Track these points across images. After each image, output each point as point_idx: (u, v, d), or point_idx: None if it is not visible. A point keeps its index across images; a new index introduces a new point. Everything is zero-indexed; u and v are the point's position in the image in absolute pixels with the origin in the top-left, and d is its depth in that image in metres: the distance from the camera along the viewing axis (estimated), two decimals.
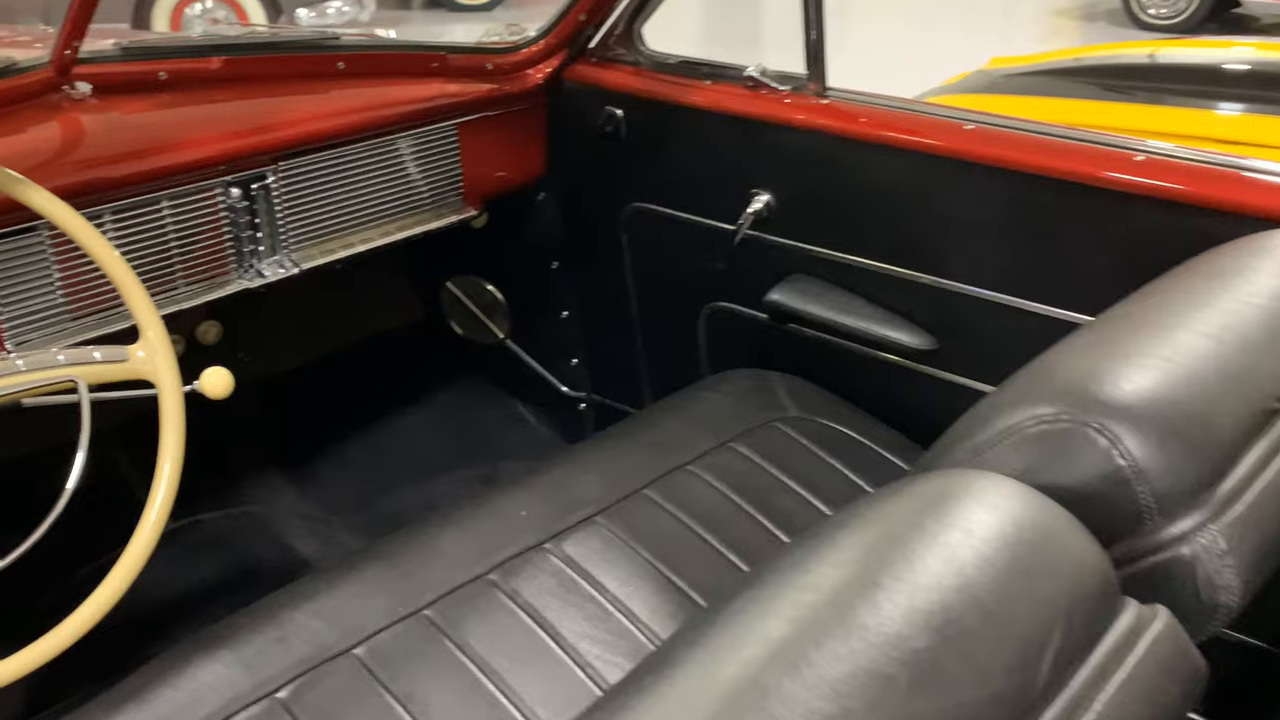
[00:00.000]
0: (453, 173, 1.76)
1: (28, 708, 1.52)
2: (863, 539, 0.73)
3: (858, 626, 0.64)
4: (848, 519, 0.76)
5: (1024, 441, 0.86)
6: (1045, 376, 0.95)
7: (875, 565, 0.69)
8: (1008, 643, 0.67)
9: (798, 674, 0.61)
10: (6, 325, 1.31)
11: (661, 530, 1.34)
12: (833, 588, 0.68)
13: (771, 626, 0.65)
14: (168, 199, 1.42)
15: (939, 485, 0.78)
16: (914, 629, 0.65)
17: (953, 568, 0.69)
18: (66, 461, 1.13)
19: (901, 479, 0.88)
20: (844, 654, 0.63)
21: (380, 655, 1.15)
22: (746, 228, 1.68)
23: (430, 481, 2.08)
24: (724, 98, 1.69)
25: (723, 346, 1.85)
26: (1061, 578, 0.73)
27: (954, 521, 0.73)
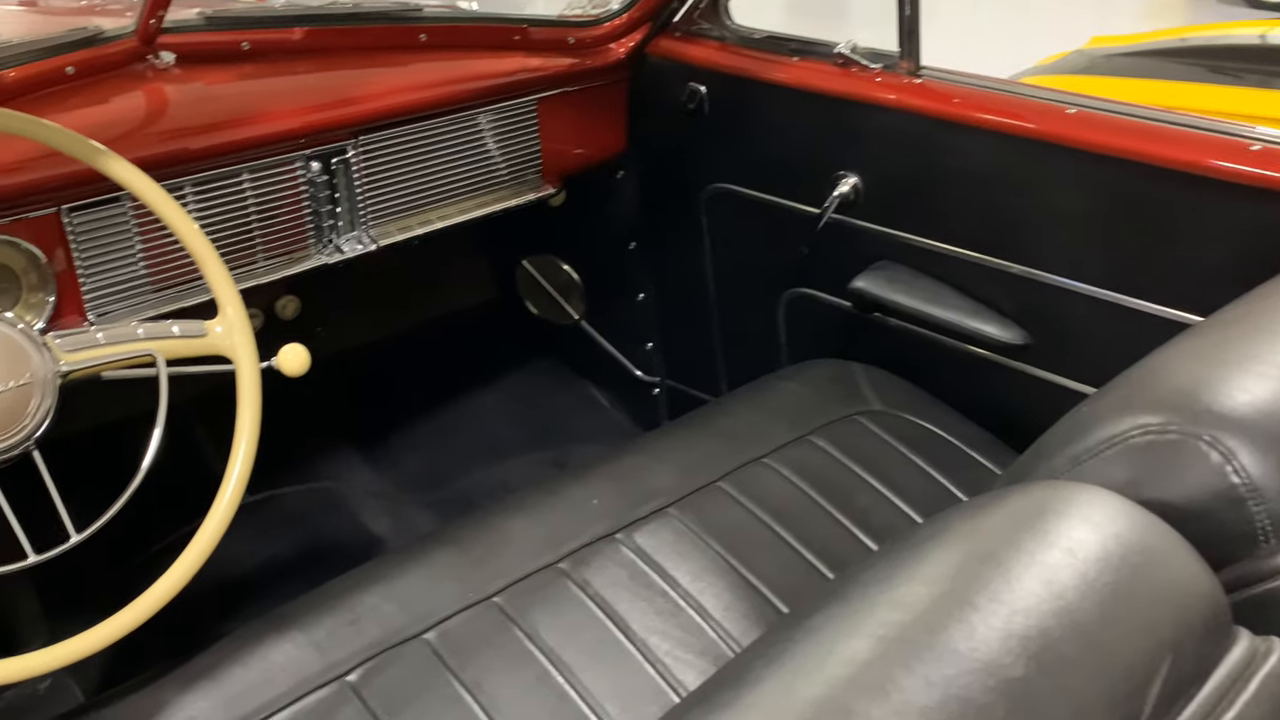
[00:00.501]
0: (531, 149, 1.73)
1: (103, 680, 1.55)
2: (955, 555, 0.69)
3: (949, 650, 0.60)
4: (938, 532, 0.72)
5: (1127, 452, 0.81)
6: (1151, 382, 0.89)
7: (969, 584, 0.65)
8: (1110, 674, 0.63)
9: (884, 698, 0.58)
10: (89, 295, 1.31)
11: (735, 524, 1.30)
12: (923, 607, 0.64)
13: (856, 646, 0.62)
14: (248, 172, 1.41)
15: (1037, 499, 0.74)
16: (1010, 655, 0.61)
17: (1052, 590, 0.65)
18: (142, 433, 1.14)
19: (996, 489, 0.83)
20: (934, 679, 0.59)
21: (450, 642, 1.14)
22: (832, 211, 1.63)
23: (501, 463, 2.07)
24: (812, 75, 1.63)
25: (803, 335, 1.80)
26: (1169, 604, 0.68)
27: (1054, 540, 0.68)
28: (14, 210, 1.25)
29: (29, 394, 1.03)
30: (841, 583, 0.71)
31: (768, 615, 1.20)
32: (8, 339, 1.03)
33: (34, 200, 1.26)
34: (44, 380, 1.04)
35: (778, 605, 1.22)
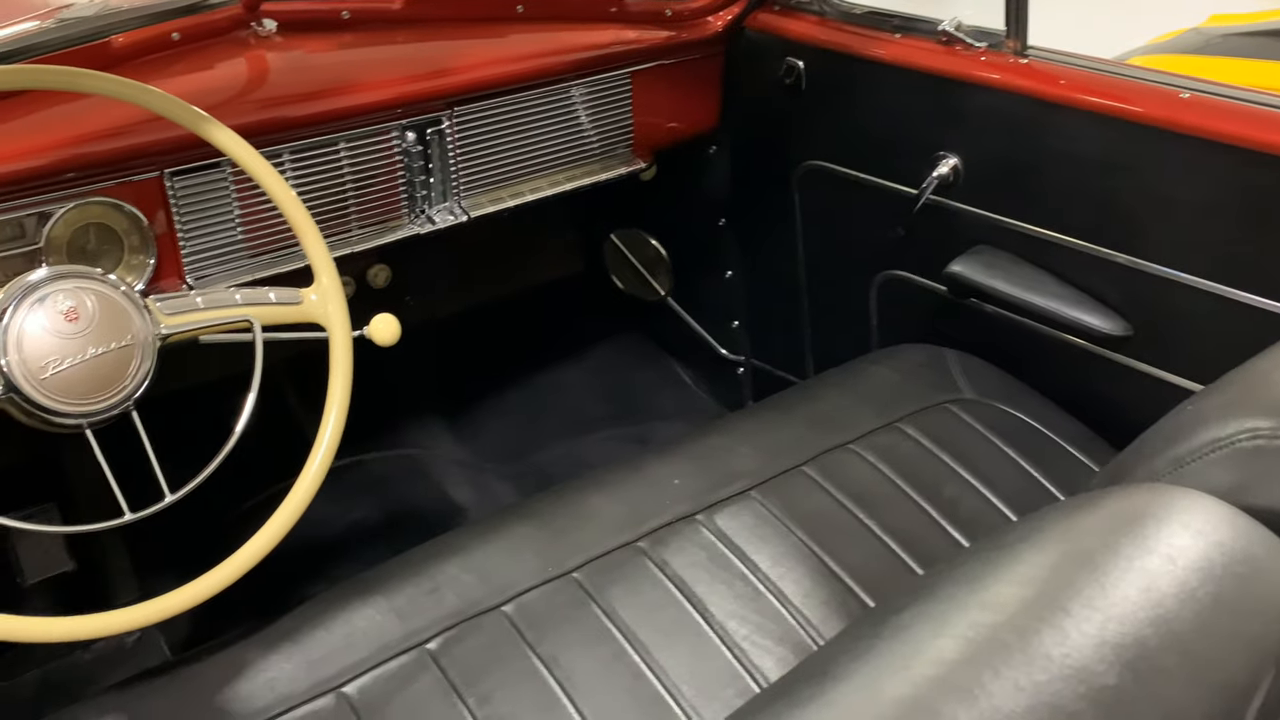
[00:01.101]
0: (624, 123, 1.72)
1: (189, 636, 1.59)
2: (1049, 557, 0.66)
3: (1041, 655, 0.58)
4: (1032, 531, 0.70)
5: (1234, 457, 0.77)
6: (1262, 383, 0.84)
7: (1063, 588, 0.63)
8: (1208, 687, 0.60)
9: (971, 702, 0.56)
10: (187, 259, 1.34)
11: (818, 510, 1.29)
12: (1014, 609, 0.62)
13: (944, 646, 0.60)
14: (345, 141, 1.43)
15: (1137, 502, 0.71)
16: (1104, 664, 0.58)
17: (1150, 598, 0.62)
18: (233, 395, 1.16)
19: (1092, 488, 0.80)
20: (1024, 685, 0.57)
21: (527, 615, 1.14)
22: (930, 193, 1.59)
23: (582, 437, 2.08)
24: (914, 53, 1.59)
25: (894, 318, 1.76)
26: (1273, 617, 0.65)
27: (1153, 546, 0.65)
28: (118, 173, 1.28)
29: (130, 355, 1.05)
30: (931, 580, 0.69)
31: (848, 604, 1.19)
32: (111, 301, 1.05)
33: (138, 164, 1.29)
34: (144, 342, 1.07)
35: (859, 594, 1.20)
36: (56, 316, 1.02)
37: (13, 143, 1.22)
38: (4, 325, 1.01)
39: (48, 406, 1.01)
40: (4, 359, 1.00)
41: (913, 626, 0.62)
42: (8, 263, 1.23)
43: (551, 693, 1.07)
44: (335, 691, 1.06)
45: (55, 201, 1.24)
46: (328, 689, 1.06)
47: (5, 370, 1.00)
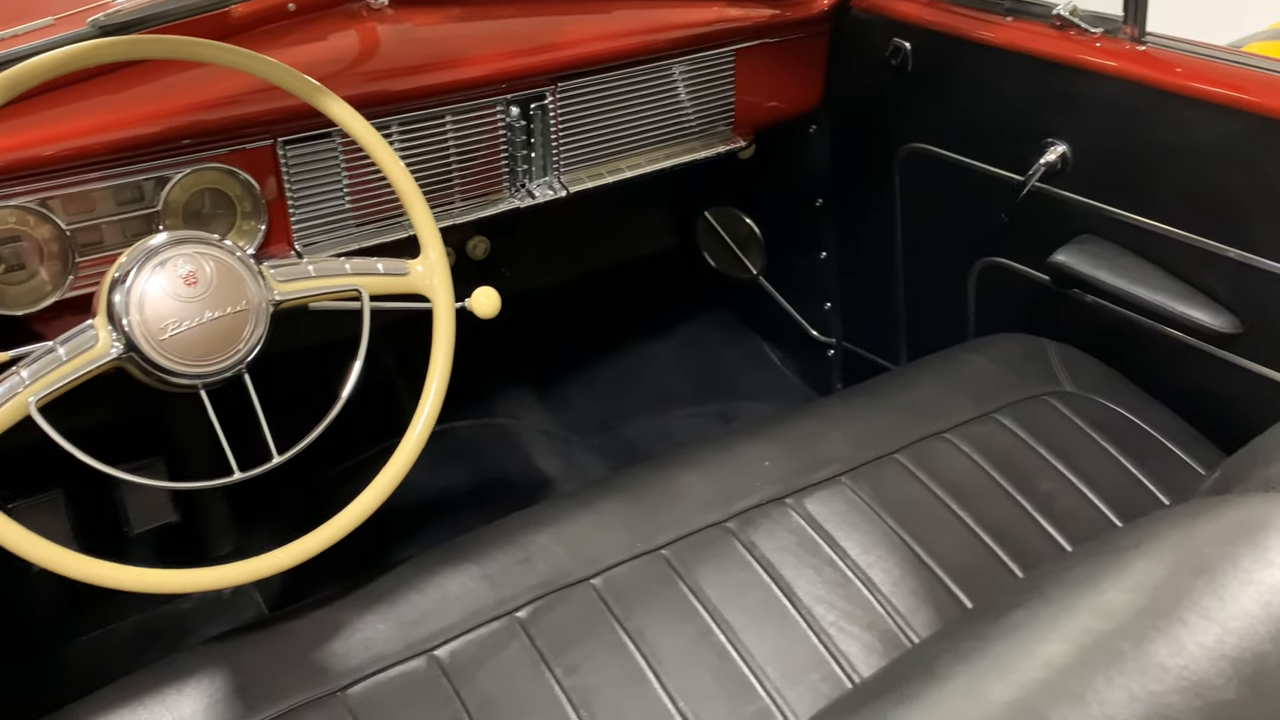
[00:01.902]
0: (725, 101, 1.71)
1: (282, 597, 1.64)
2: (1164, 564, 0.65)
3: (1156, 665, 0.57)
4: (1146, 537, 0.68)
5: None
6: None
7: (1179, 598, 0.61)
8: None
9: (1083, 708, 0.55)
10: (297, 226, 1.37)
11: (910, 499, 1.27)
12: (1127, 616, 0.61)
13: (1054, 650, 0.59)
14: (451, 114, 1.44)
15: (1257, 512, 0.69)
16: (1221, 678, 0.57)
17: (1271, 613, 0.61)
18: (334, 360, 1.19)
19: (1203, 492, 0.78)
20: (1139, 694, 0.56)
21: (615, 589, 1.15)
22: (1036, 180, 1.55)
23: (669, 413, 2.08)
24: (1025, 36, 1.55)
25: (993, 307, 1.73)
26: None
27: (1274, 558, 0.64)
28: (233, 141, 1.31)
29: (244, 320, 1.08)
30: (1038, 581, 0.68)
31: (938, 595, 1.18)
32: (228, 267, 1.08)
33: (252, 132, 1.32)
34: (258, 308, 1.10)
35: (949, 586, 1.19)
36: (176, 280, 1.05)
37: (134, 109, 1.26)
38: (126, 287, 1.04)
39: (165, 367, 1.04)
40: (126, 319, 1.03)
41: (1021, 628, 0.62)
42: (127, 224, 1.27)
43: (638, 667, 1.08)
44: (427, 654, 1.08)
45: (173, 167, 1.28)
46: (420, 651, 1.08)
47: (127, 330, 1.03)
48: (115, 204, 1.26)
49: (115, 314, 1.04)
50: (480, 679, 1.06)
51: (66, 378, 1.01)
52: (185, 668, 1.07)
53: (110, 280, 1.06)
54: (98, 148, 1.23)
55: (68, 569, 0.98)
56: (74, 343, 1.03)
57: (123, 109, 1.26)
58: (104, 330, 1.04)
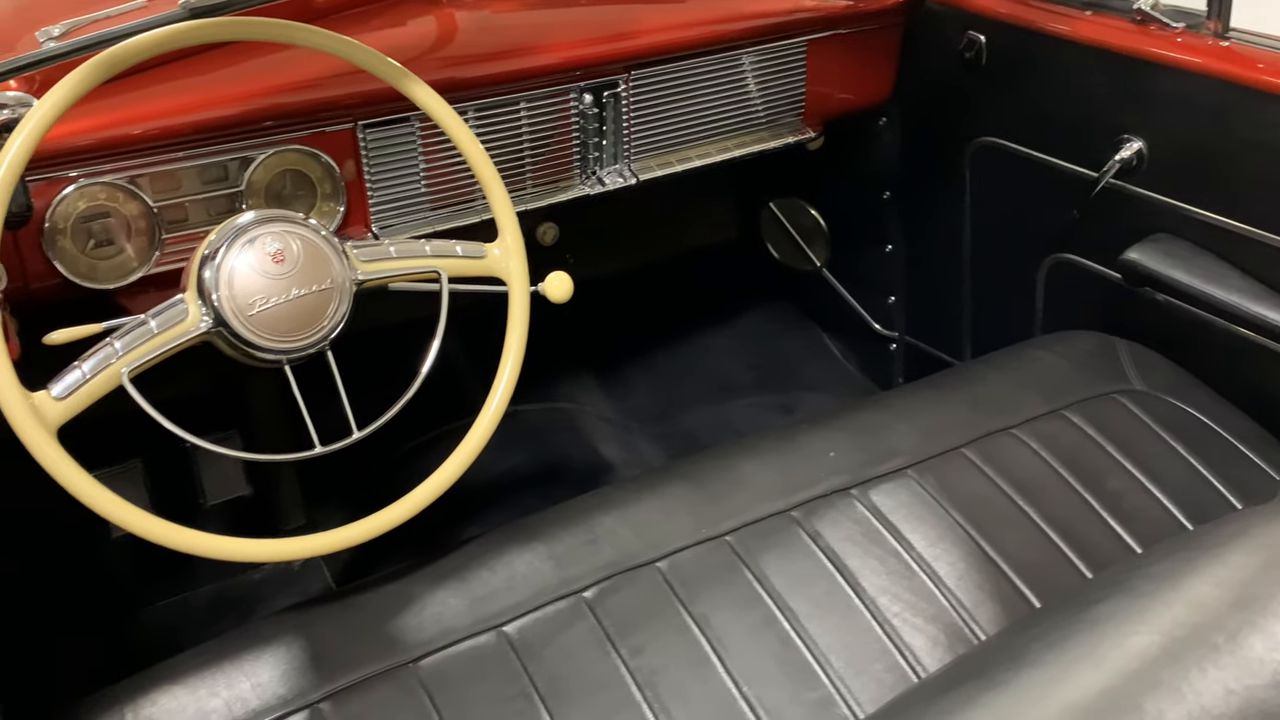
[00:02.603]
0: (796, 92, 1.71)
1: (348, 571, 1.68)
2: (1255, 560, 0.65)
3: (1253, 659, 0.57)
4: (1236, 535, 0.68)
5: None
6: None
7: (1272, 592, 0.61)
8: None
9: (1178, 699, 0.55)
10: (374, 208, 1.40)
11: (977, 494, 1.27)
12: (1220, 610, 0.61)
13: (1146, 641, 0.59)
14: (525, 101, 1.46)
15: None
16: None
17: None
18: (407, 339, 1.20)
19: None
20: (1235, 688, 0.56)
21: (681, 573, 1.17)
22: (1110, 176, 1.54)
23: (729, 403, 2.09)
24: (1104, 31, 1.53)
25: (1061, 304, 1.72)
26: None
27: None
28: (315, 124, 1.34)
29: (329, 298, 1.11)
30: (1122, 575, 0.68)
31: (1004, 591, 1.17)
32: (315, 246, 1.11)
33: (333, 115, 1.35)
34: (342, 286, 1.12)
35: (1015, 582, 1.19)
36: (264, 258, 1.08)
37: (219, 90, 1.29)
38: (216, 264, 1.07)
39: (252, 342, 1.07)
40: (215, 294, 1.06)
41: (1110, 620, 0.62)
42: (211, 203, 1.31)
43: (702, 650, 1.10)
44: (496, 630, 1.10)
45: (256, 148, 1.31)
46: (489, 627, 1.10)
47: (216, 305, 1.06)
48: (201, 183, 1.29)
49: (205, 289, 1.07)
50: (548, 656, 1.08)
51: (157, 350, 1.05)
52: (263, 635, 1.10)
53: (200, 256, 1.09)
54: (183, 128, 1.27)
55: (159, 536, 1.02)
56: (165, 316, 1.07)
57: (208, 90, 1.29)
58: (194, 305, 1.07)
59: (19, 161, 0.99)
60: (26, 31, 1.24)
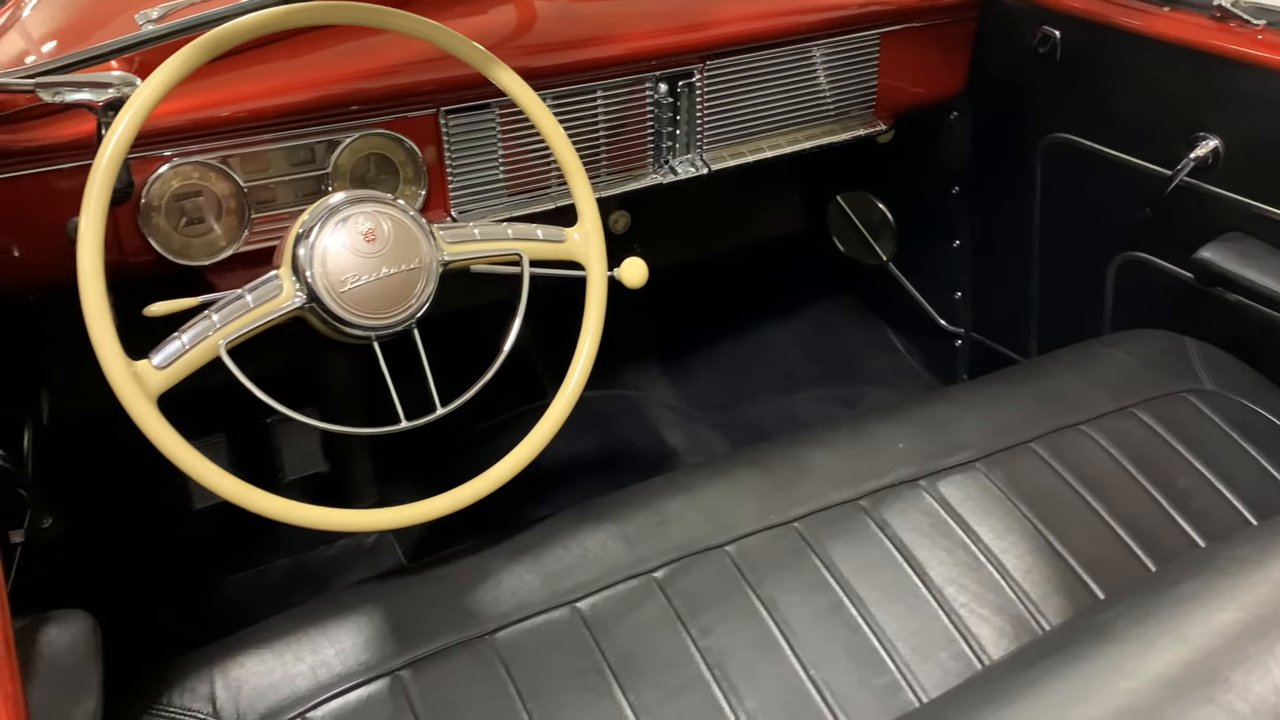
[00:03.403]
0: (868, 84, 1.72)
1: (419, 548, 1.72)
2: None
3: None
4: None
5: None
6: None
7: None
8: None
9: (1264, 673, 0.56)
10: (454, 193, 1.43)
11: (1045, 489, 1.28)
12: None
13: (1231, 618, 0.60)
14: (602, 89, 1.48)
15: None
16: None
17: None
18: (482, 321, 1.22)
19: None
20: None
21: (749, 557, 1.18)
22: (1185, 174, 1.53)
23: (791, 395, 2.10)
24: (1183, 27, 1.52)
25: (1131, 302, 1.71)
26: None
27: None
28: (399, 109, 1.37)
29: (417, 277, 1.14)
30: (1209, 555, 0.69)
31: (1071, 586, 1.18)
32: (404, 226, 1.14)
33: (416, 101, 1.38)
34: (429, 266, 1.15)
35: (1082, 576, 1.19)
36: (357, 236, 1.11)
37: (307, 74, 1.33)
38: (310, 242, 1.11)
39: (343, 318, 1.11)
40: (309, 271, 1.10)
41: (1194, 598, 0.63)
42: (298, 184, 1.34)
43: (770, 633, 1.11)
44: (569, 605, 1.13)
45: (342, 131, 1.34)
46: (563, 602, 1.13)
47: (309, 281, 1.10)
48: (289, 165, 1.33)
49: (299, 266, 1.10)
50: (619, 632, 1.10)
51: (254, 323, 1.08)
52: (345, 604, 1.13)
53: (295, 235, 1.12)
54: (272, 110, 1.31)
55: (255, 504, 1.06)
56: (260, 291, 1.10)
57: (296, 74, 1.33)
58: (288, 281, 1.11)
59: (127, 138, 1.03)
60: (125, 13, 1.29)
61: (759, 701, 1.06)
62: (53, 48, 1.31)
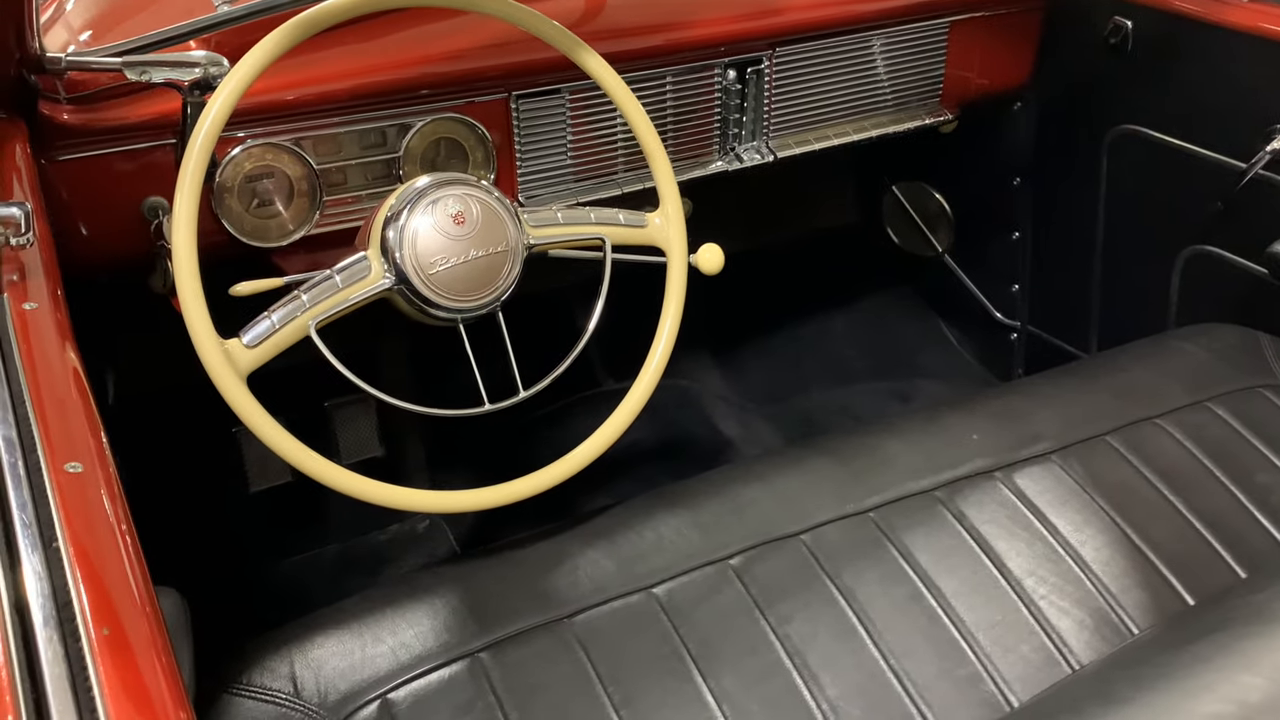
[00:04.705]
0: (935, 73, 1.70)
1: (471, 536, 1.71)
2: None
3: None
4: None
5: None
6: None
7: None
8: None
9: None
10: (522, 177, 1.43)
11: (1121, 482, 1.26)
12: None
13: None
14: (672, 75, 1.47)
15: None
16: None
17: None
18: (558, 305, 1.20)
19: None
20: None
21: (825, 546, 1.17)
22: (1260, 167, 1.51)
23: (844, 387, 2.09)
24: (1261, 18, 1.50)
25: (1198, 296, 1.69)
26: None
27: None
28: (470, 93, 1.37)
29: (504, 260, 1.14)
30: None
31: (1151, 579, 1.16)
32: (492, 209, 1.13)
33: (487, 85, 1.37)
34: (515, 249, 1.14)
35: (1163, 571, 1.17)
36: (446, 219, 1.11)
37: (380, 57, 1.33)
38: (400, 225, 1.10)
39: (432, 300, 1.10)
40: (399, 253, 1.10)
41: None
42: (369, 167, 1.34)
43: (849, 622, 1.10)
44: (646, 591, 1.12)
45: (414, 115, 1.34)
46: (640, 587, 1.12)
47: (398, 263, 1.09)
48: (359, 148, 1.33)
49: (389, 248, 1.10)
50: (698, 618, 1.10)
51: (343, 304, 1.08)
52: (422, 585, 1.13)
53: (384, 217, 1.12)
54: (343, 93, 1.31)
55: (340, 483, 1.06)
56: (349, 271, 1.10)
57: (368, 58, 1.33)
58: (377, 262, 1.11)
59: (222, 117, 1.03)
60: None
61: (840, 690, 1.05)
62: (128, 27, 1.31)
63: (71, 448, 0.76)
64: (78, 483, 0.73)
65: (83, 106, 1.21)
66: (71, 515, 0.70)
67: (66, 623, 0.62)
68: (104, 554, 0.70)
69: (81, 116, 1.20)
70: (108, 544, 0.71)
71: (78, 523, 0.70)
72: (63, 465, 0.74)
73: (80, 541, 0.69)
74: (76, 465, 0.74)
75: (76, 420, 0.80)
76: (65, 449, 0.76)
